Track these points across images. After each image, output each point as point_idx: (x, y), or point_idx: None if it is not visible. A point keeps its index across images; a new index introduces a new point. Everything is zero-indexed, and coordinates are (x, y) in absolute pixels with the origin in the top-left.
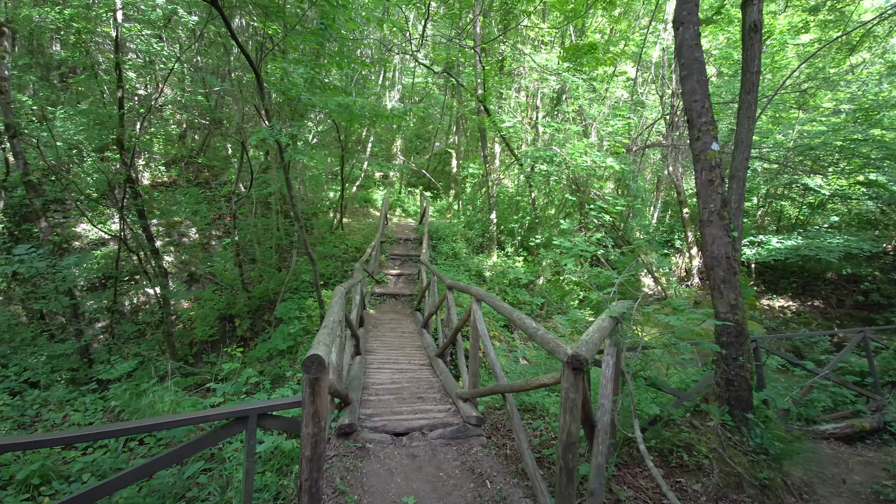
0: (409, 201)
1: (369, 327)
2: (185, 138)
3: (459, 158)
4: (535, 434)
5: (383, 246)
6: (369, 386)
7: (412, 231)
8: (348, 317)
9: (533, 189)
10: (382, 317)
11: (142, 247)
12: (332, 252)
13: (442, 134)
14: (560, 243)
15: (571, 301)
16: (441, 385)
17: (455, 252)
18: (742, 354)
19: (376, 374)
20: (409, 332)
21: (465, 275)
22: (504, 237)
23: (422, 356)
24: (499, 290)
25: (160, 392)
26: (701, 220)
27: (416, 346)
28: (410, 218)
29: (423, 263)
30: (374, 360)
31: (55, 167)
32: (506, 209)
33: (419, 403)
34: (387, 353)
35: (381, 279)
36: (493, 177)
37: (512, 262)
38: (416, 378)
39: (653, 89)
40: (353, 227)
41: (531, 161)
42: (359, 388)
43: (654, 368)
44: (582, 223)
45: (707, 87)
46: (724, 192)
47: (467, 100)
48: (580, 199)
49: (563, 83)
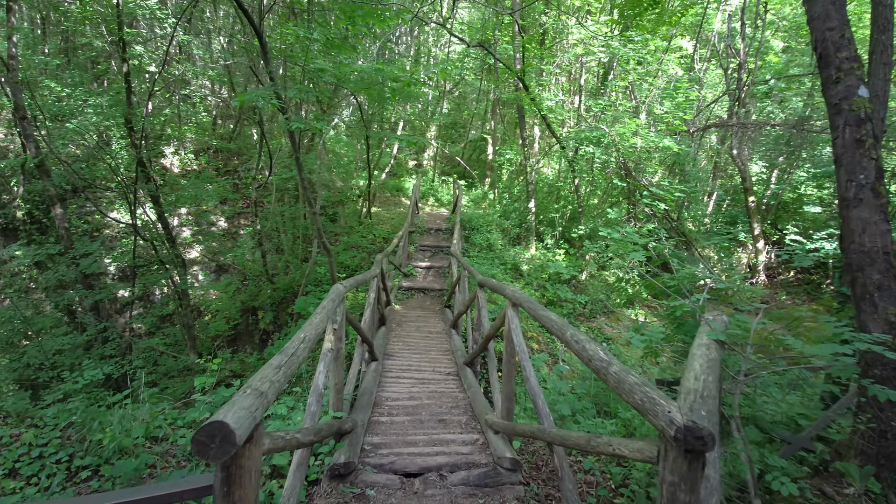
0: (441, 190)
1: (393, 325)
2: (216, 126)
3: (496, 145)
4: (589, 484)
5: (412, 236)
6: (382, 402)
7: (444, 221)
8: (354, 322)
9: (576, 175)
10: (409, 313)
11: (158, 235)
12: (359, 242)
13: (478, 119)
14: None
15: (617, 299)
16: (468, 404)
17: (490, 243)
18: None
19: (393, 386)
20: (437, 333)
21: (499, 269)
22: (543, 228)
23: (448, 362)
24: (537, 285)
25: (130, 410)
26: (843, 199)
27: (442, 350)
28: (443, 207)
29: (454, 256)
30: (393, 367)
31: (88, 152)
32: (545, 197)
33: (440, 429)
34: (409, 358)
35: (410, 272)
36: (533, 161)
37: (552, 254)
38: (439, 392)
39: (712, 65)
40: (382, 217)
41: (575, 143)
42: (368, 405)
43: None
44: (630, 213)
45: (845, 9)
46: (879, 158)
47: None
48: (631, 186)
49: (612, 55)
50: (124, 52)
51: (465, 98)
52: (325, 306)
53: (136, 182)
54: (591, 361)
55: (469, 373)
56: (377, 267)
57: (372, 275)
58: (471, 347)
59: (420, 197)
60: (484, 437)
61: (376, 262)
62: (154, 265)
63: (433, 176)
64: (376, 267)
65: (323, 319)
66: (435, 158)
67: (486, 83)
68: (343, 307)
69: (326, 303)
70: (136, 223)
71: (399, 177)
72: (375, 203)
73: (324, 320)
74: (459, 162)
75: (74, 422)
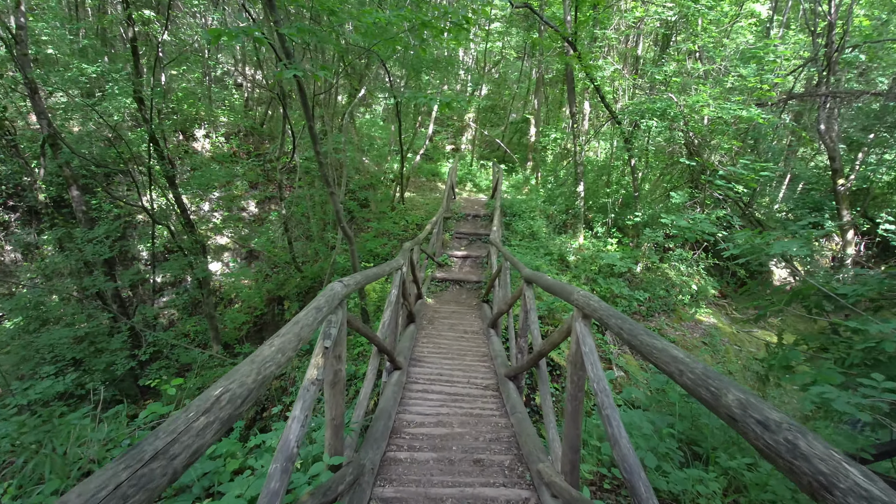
0: (480, 175)
1: (423, 323)
2: (248, 108)
3: (539, 126)
4: None
5: (448, 223)
6: (402, 428)
7: (482, 206)
8: (365, 330)
9: (634, 154)
10: (442, 308)
11: (180, 220)
12: (390, 229)
13: (519, 100)
14: (672, 222)
15: (682, 296)
16: (512, 436)
17: (533, 231)
18: None
19: (418, 403)
20: (473, 333)
21: (544, 259)
22: (592, 214)
23: (486, 371)
24: (586, 278)
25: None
26: None
27: (479, 355)
28: (482, 193)
29: (493, 244)
30: (420, 376)
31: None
32: (594, 181)
33: (476, 476)
34: (439, 364)
35: (444, 261)
36: (582, 140)
37: (602, 244)
38: (475, 415)
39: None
40: (416, 202)
41: (635, 116)
42: (384, 435)
43: None
44: (695, 197)
45: None
46: None
47: (550, 45)
48: (700, 166)
49: (680, 10)
50: (128, 10)
51: (506, 79)
52: (302, 319)
53: (149, 160)
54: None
55: (512, 389)
56: (402, 257)
57: (393, 266)
58: (513, 356)
59: (457, 181)
60: (537, 498)
61: (402, 251)
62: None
63: (471, 160)
64: (401, 257)
65: (286, 347)
66: (473, 142)
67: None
68: (342, 314)
69: (307, 313)
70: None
71: (435, 161)
72: (410, 188)
73: (287, 348)
74: (500, 145)
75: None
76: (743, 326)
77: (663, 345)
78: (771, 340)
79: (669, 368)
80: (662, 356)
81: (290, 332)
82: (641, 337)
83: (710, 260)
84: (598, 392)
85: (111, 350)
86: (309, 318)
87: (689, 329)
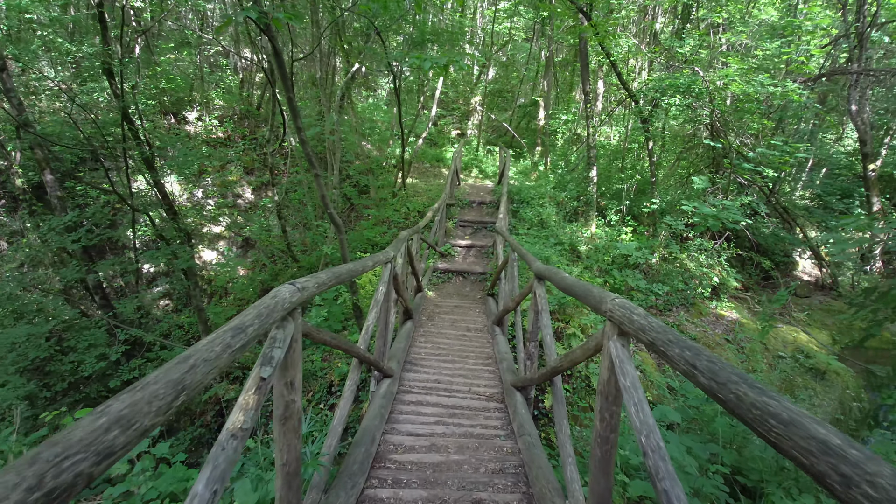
0: (486, 161)
1: (422, 319)
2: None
3: (548, 109)
4: None
5: (451, 210)
6: (387, 455)
7: (488, 193)
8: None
9: (652, 135)
10: (443, 302)
11: (150, 205)
12: (391, 217)
13: (527, 82)
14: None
15: (702, 289)
16: (521, 468)
17: (542, 219)
18: None
19: (410, 420)
20: (476, 330)
21: (554, 249)
22: (605, 201)
23: (490, 378)
24: (598, 269)
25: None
26: None
27: (482, 358)
28: (488, 179)
29: (500, 233)
30: (416, 383)
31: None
32: (608, 166)
33: None
34: (438, 369)
35: (447, 251)
36: (595, 121)
37: (616, 233)
38: (475, 435)
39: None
40: (419, 188)
41: (657, 94)
42: (364, 464)
43: None
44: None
45: None
46: None
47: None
48: (725, 149)
49: None
50: None
51: (513, 62)
52: (200, 352)
53: (123, 141)
54: None
55: (519, 401)
56: (394, 248)
57: (380, 260)
58: (521, 361)
59: (462, 167)
60: None
61: (396, 241)
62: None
63: (477, 145)
64: (392, 248)
65: (136, 415)
66: (479, 126)
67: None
68: (294, 327)
69: (216, 339)
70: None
71: (440, 146)
72: (412, 174)
73: (134, 422)
74: (507, 130)
75: None
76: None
77: (790, 413)
78: (798, 338)
79: (820, 467)
80: (795, 433)
81: (150, 386)
82: (739, 387)
83: (732, 250)
84: (649, 450)
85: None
86: (213, 349)
87: (709, 325)
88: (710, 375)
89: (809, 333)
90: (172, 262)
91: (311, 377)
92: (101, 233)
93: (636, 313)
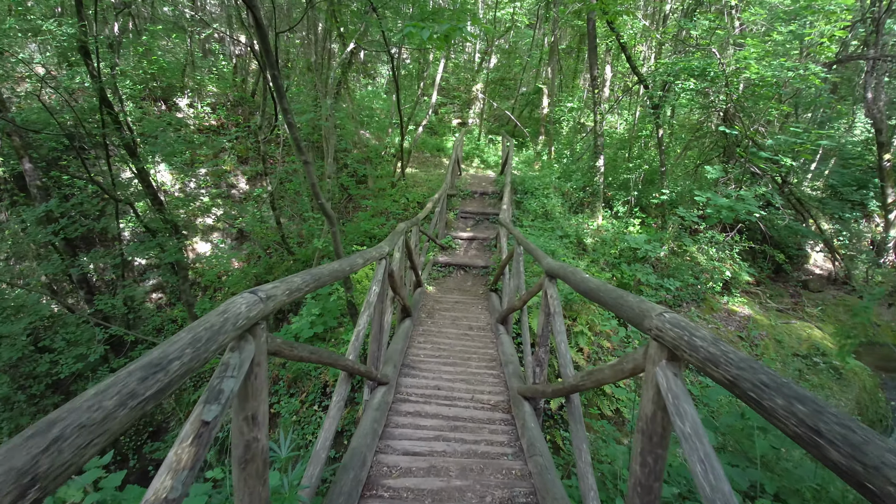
0: (488, 151)
1: (421, 316)
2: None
3: (553, 96)
4: None
5: (452, 201)
6: (379, 480)
7: (490, 183)
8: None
9: (663, 122)
10: (444, 298)
11: (130, 195)
12: (389, 207)
13: (531, 69)
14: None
15: (713, 283)
16: (533, 497)
17: (546, 210)
18: None
19: (406, 434)
20: (479, 329)
21: (559, 242)
22: (612, 192)
23: (494, 383)
24: (605, 263)
25: None
26: None
27: (486, 360)
28: (490, 169)
29: (503, 225)
30: (414, 390)
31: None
32: (615, 155)
33: None
34: (438, 373)
35: (448, 244)
36: (604, 108)
37: (624, 225)
38: (479, 453)
39: None
40: (419, 179)
41: (670, 77)
42: (352, 494)
43: None
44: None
45: None
46: None
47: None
48: (739, 136)
49: None
50: None
51: (516, 49)
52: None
53: (102, 126)
54: None
55: (528, 413)
56: (389, 242)
57: (373, 256)
58: (528, 366)
59: (463, 157)
60: None
61: (392, 235)
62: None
63: (479, 134)
64: (387, 242)
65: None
66: (481, 115)
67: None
68: (255, 347)
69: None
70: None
71: (440, 135)
72: (412, 163)
73: None
74: (510, 118)
75: None
76: (780, 318)
77: None
78: (813, 335)
79: None
80: None
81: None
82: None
83: (744, 243)
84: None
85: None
86: (102, 405)
87: (721, 321)
88: (848, 451)
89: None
90: (160, 255)
91: (305, 377)
92: (86, 224)
93: (698, 336)
